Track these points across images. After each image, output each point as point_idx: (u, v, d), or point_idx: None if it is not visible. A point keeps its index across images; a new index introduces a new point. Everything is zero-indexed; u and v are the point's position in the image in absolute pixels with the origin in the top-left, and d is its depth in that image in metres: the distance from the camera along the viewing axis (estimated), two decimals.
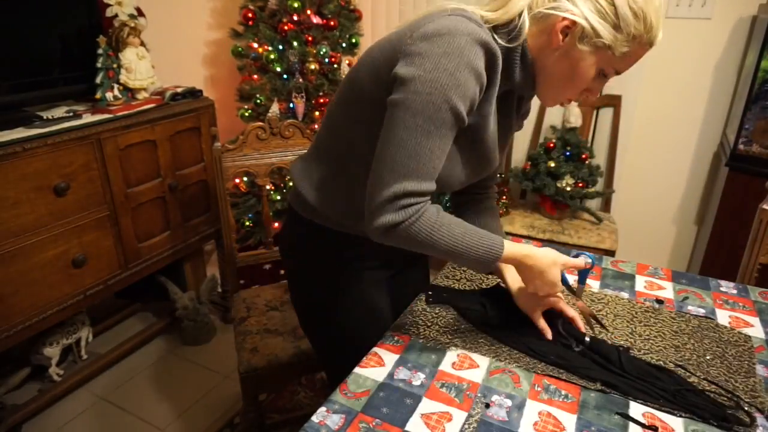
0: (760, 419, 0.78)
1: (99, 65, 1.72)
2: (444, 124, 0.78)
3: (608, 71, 0.84)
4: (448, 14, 0.80)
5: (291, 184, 1.06)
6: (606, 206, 2.36)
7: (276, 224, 2.25)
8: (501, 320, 1.00)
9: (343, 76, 2.26)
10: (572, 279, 1.05)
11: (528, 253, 0.87)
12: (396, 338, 0.97)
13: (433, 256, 0.89)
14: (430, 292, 1.10)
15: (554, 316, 0.99)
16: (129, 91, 1.84)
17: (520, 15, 0.82)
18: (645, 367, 0.88)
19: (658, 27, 0.79)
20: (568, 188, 2.12)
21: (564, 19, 0.79)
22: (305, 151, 1.08)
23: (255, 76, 2.28)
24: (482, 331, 0.99)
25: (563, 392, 0.84)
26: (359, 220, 0.87)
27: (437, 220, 0.82)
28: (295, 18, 2.19)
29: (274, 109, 2.24)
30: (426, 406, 0.81)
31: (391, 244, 0.83)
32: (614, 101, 2.26)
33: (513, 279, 1.03)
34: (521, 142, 2.48)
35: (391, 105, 0.79)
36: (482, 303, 1.06)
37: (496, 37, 0.82)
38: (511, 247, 0.86)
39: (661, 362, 0.90)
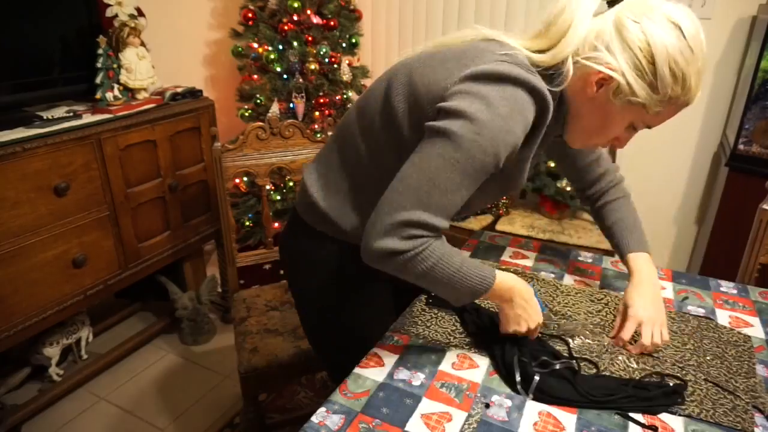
0: (759, 419, 0.78)
1: (99, 65, 1.72)
2: (483, 168, 0.76)
3: (638, 126, 0.82)
4: (499, 59, 0.76)
5: (301, 191, 1.02)
6: None
7: (276, 224, 2.25)
8: (492, 332, 0.96)
9: (343, 76, 2.28)
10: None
11: (512, 302, 0.86)
12: (396, 338, 0.97)
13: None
14: (433, 294, 1.09)
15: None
16: (129, 91, 1.84)
17: (565, 60, 0.79)
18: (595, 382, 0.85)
19: (697, 89, 0.76)
20: (568, 188, 2.12)
21: (600, 71, 0.76)
22: (315, 155, 1.05)
23: (255, 76, 2.29)
24: (475, 338, 0.97)
25: None
26: None
27: (442, 251, 0.78)
28: (295, 18, 2.20)
29: (274, 109, 2.24)
30: (426, 406, 0.81)
31: (382, 268, 0.80)
32: None
33: (636, 281, 1.00)
34: None
35: (432, 131, 0.76)
36: (476, 309, 1.03)
37: (541, 80, 0.79)
38: (501, 286, 0.84)
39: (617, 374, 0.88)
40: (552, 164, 2.15)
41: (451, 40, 0.86)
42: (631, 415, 0.79)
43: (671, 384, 0.84)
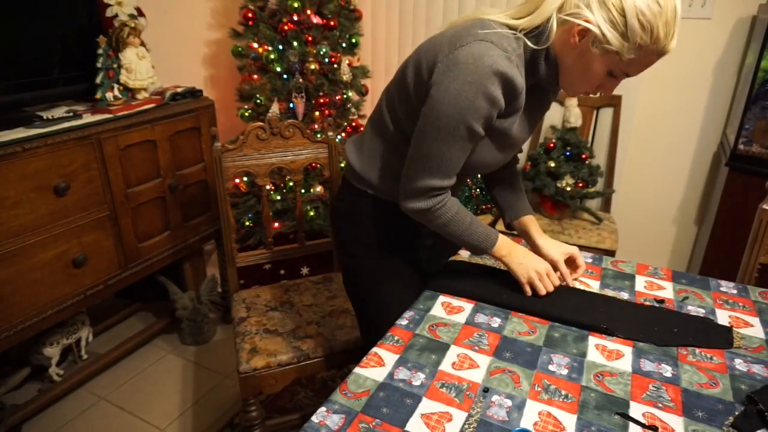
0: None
1: (99, 65, 1.72)
2: (461, 137, 0.96)
3: (617, 73, 0.94)
4: (479, 39, 0.91)
5: (345, 158, 1.24)
6: (606, 206, 2.36)
7: (276, 224, 2.25)
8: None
9: (343, 76, 2.28)
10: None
11: (510, 253, 1.10)
12: (396, 338, 0.97)
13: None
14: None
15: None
16: (129, 91, 1.84)
17: (548, 20, 0.92)
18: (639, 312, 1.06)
19: (666, 39, 0.86)
20: (568, 188, 2.12)
21: (580, 24, 0.89)
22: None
23: (255, 76, 2.28)
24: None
25: (563, 392, 0.84)
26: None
27: (456, 209, 1.05)
28: (295, 18, 2.20)
29: (274, 109, 2.24)
30: (426, 406, 0.81)
31: (418, 220, 1.07)
32: (614, 101, 2.26)
33: (538, 232, 1.21)
34: None
35: (422, 115, 0.97)
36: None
37: (526, 40, 0.95)
38: (503, 242, 1.10)
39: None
40: (552, 164, 2.15)
41: (456, 21, 1.03)
42: (632, 414, 0.79)
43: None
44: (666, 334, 0.98)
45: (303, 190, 2.28)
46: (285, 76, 2.25)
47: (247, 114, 2.30)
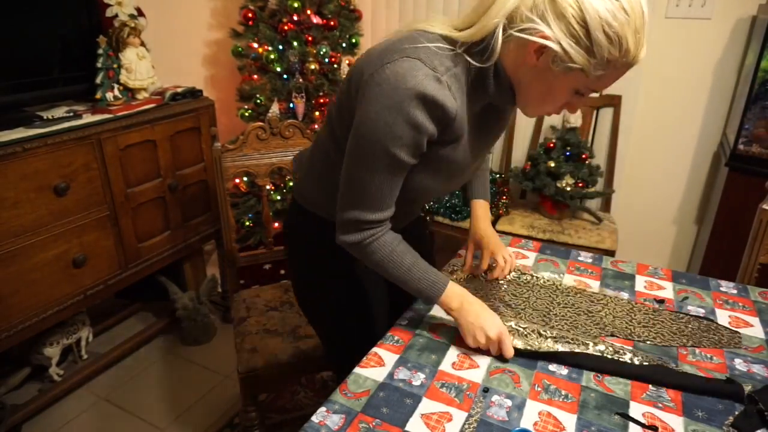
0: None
1: (99, 65, 1.72)
2: (385, 167, 0.85)
3: (584, 91, 0.83)
4: (406, 55, 0.80)
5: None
6: (606, 206, 2.36)
7: (276, 224, 2.25)
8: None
9: (343, 76, 2.28)
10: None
11: (462, 308, 0.93)
12: (396, 338, 0.97)
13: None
14: None
15: None
16: (129, 91, 1.84)
17: (493, 33, 0.80)
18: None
19: (637, 49, 0.75)
20: (568, 188, 2.12)
21: (536, 42, 0.76)
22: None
23: (255, 76, 2.28)
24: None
25: (563, 392, 0.84)
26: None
27: (392, 248, 0.92)
28: (295, 18, 2.20)
29: (274, 109, 2.24)
30: (426, 406, 0.81)
31: (354, 255, 0.95)
32: (614, 101, 2.26)
33: (482, 218, 1.20)
34: (521, 142, 2.48)
35: (349, 138, 0.87)
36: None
37: (468, 58, 0.83)
38: (451, 292, 0.94)
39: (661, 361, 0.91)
40: (552, 164, 2.15)
41: (399, 29, 0.91)
42: (631, 414, 0.79)
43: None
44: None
45: None
46: (285, 76, 2.25)
47: (247, 114, 2.30)
